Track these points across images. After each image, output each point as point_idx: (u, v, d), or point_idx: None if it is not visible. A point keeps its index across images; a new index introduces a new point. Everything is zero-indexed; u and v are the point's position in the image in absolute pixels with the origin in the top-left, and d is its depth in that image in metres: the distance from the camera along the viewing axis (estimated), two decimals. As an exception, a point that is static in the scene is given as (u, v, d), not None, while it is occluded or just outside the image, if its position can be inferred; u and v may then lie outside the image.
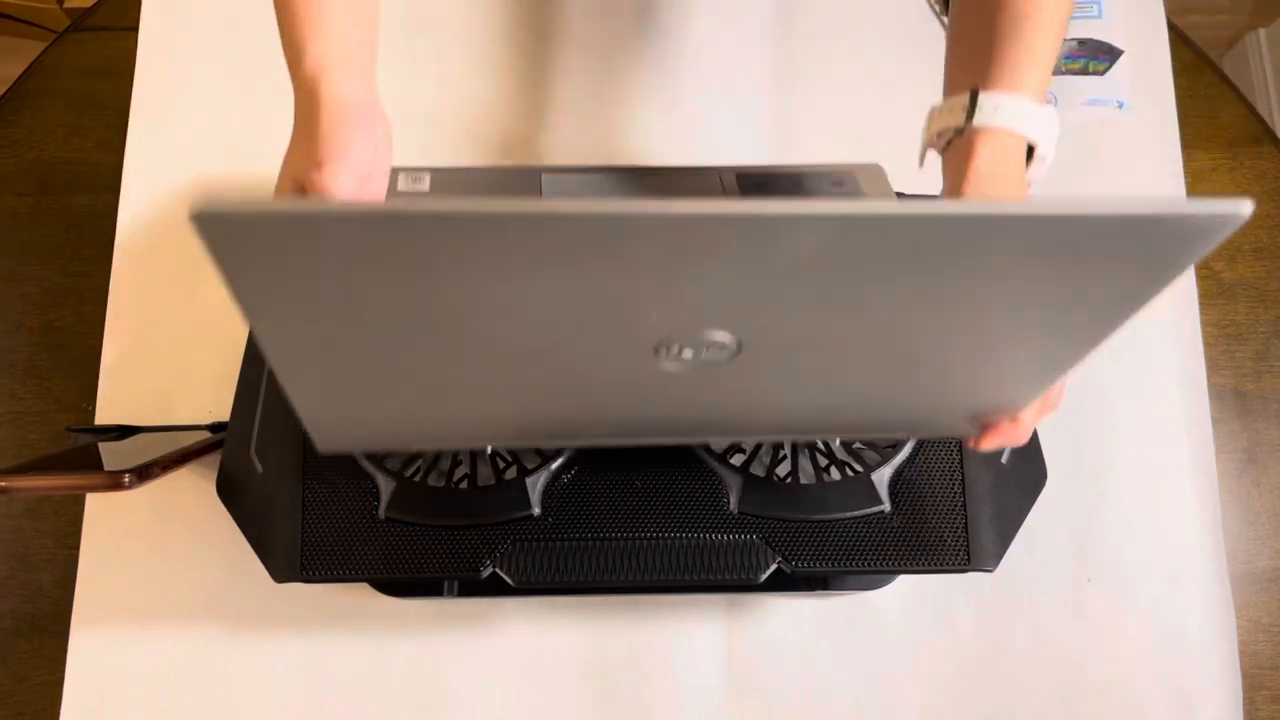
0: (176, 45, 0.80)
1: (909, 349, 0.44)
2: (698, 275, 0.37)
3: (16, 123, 0.79)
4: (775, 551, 0.58)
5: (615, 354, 0.42)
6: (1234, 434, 0.73)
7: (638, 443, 0.56)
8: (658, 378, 0.43)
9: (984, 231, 0.35)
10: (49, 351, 0.74)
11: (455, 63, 0.79)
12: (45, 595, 0.69)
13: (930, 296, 0.39)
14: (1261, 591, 0.70)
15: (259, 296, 0.36)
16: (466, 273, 0.35)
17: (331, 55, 0.48)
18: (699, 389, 0.45)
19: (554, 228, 0.33)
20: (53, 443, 0.71)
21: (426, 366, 0.42)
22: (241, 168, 0.76)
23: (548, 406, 0.48)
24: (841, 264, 0.37)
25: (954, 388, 0.48)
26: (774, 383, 0.46)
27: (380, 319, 0.38)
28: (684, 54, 0.79)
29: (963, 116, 0.49)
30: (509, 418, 0.49)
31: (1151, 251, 0.36)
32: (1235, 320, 0.75)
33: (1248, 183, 0.78)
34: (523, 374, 0.44)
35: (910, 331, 0.42)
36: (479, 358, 0.42)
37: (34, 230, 0.77)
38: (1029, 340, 0.43)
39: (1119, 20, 0.80)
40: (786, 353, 0.43)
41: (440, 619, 0.67)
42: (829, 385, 0.47)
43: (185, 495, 0.68)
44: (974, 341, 0.43)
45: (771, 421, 0.52)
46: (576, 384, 0.45)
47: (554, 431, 0.52)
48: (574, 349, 0.42)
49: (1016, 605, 0.67)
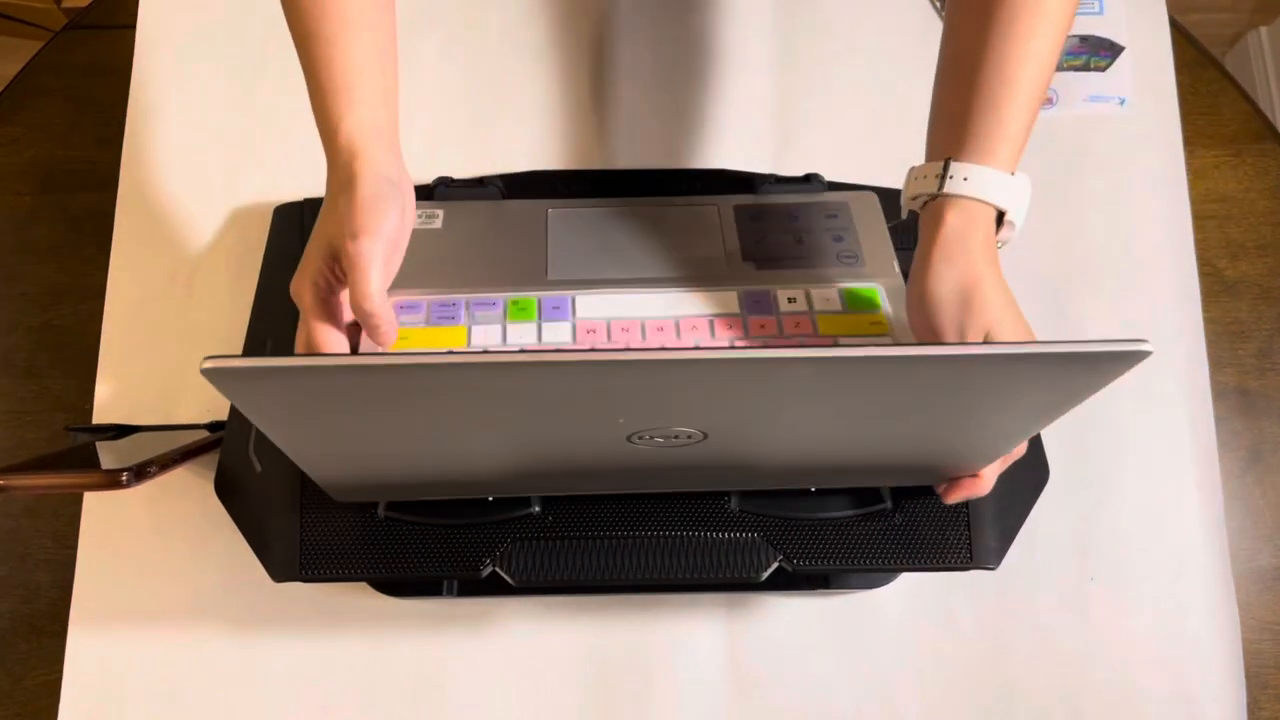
0: (174, 43, 0.79)
1: (866, 438, 0.50)
2: (664, 399, 0.43)
3: (15, 121, 0.79)
4: (777, 550, 0.58)
5: (590, 441, 0.48)
6: (1237, 432, 0.72)
7: (624, 491, 0.60)
8: (634, 453, 0.49)
9: (928, 367, 0.41)
10: (47, 350, 0.74)
11: (457, 66, 0.79)
12: (43, 595, 0.68)
13: (888, 405, 0.45)
14: (1265, 590, 0.69)
15: (264, 416, 0.43)
16: (444, 401, 0.42)
17: (365, 128, 0.52)
18: (674, 457, 0.50)
19: (524, 375, 0.39)
20: (51, 442, 0.71)
21: (420, 452, 0.50)
22: (238, 165, 0.76)
23: (536, 471, 0.54)
24: (799, 391, 0.43)
25: (913, 459, 0.54)
26: (744, 453, 0.52)
27: (372, 426, 0.45)
28: (684, 56, 0.79)
29: (935, 184, 0.53)
30: (503, 478, 0.54)
31: (1073, 375, 0.43)
32: (1238, 318, 0.75)
33: (1249, 179, 0.78)
34: (507, 454, 0.50)
35: (868, 427, 0.48)
36: (465, 447, 0.49)
37: (32, 229, 0.76)
38: (976, 429, 0.49)
39: (1121, 17, 0.80)
40: (752, 440, 0.49)
41: (440, 618, 0.67)
42: (795, 458, 0.53)
43: (184, 494, 0.68)
44: (927, 434, 0.49)
45: (744, 478, 0.57)
46: (561, 459, 0.52)
47: (546, 487, 0.58)
48: (552, 441, 0.48)
49: (1019, 604, 0.67)
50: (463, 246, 0.66)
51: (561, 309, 0.62)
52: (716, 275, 0.64)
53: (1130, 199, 0.76)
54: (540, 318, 0.61)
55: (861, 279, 0.64)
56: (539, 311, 0.61)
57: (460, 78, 0.79)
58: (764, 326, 0.61)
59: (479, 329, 0.61)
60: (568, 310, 0.62)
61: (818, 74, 0.79)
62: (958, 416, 0.47)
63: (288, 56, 0.80)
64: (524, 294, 0.62)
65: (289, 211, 0.70)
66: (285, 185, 0.74)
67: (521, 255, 0.65)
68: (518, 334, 0.60)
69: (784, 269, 0.64)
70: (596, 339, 0.60)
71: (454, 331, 0.61)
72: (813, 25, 0.80)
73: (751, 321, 0.61)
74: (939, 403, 0.45)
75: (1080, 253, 0.74)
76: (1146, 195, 0.76)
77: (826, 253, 0.65)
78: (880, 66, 0.79)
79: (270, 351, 0.64)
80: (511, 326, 0.61)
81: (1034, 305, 0.71)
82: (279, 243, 0.69)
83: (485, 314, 0.61)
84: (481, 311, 0.61)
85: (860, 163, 0.74)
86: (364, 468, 0.53)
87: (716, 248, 0.66)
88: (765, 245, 0.65)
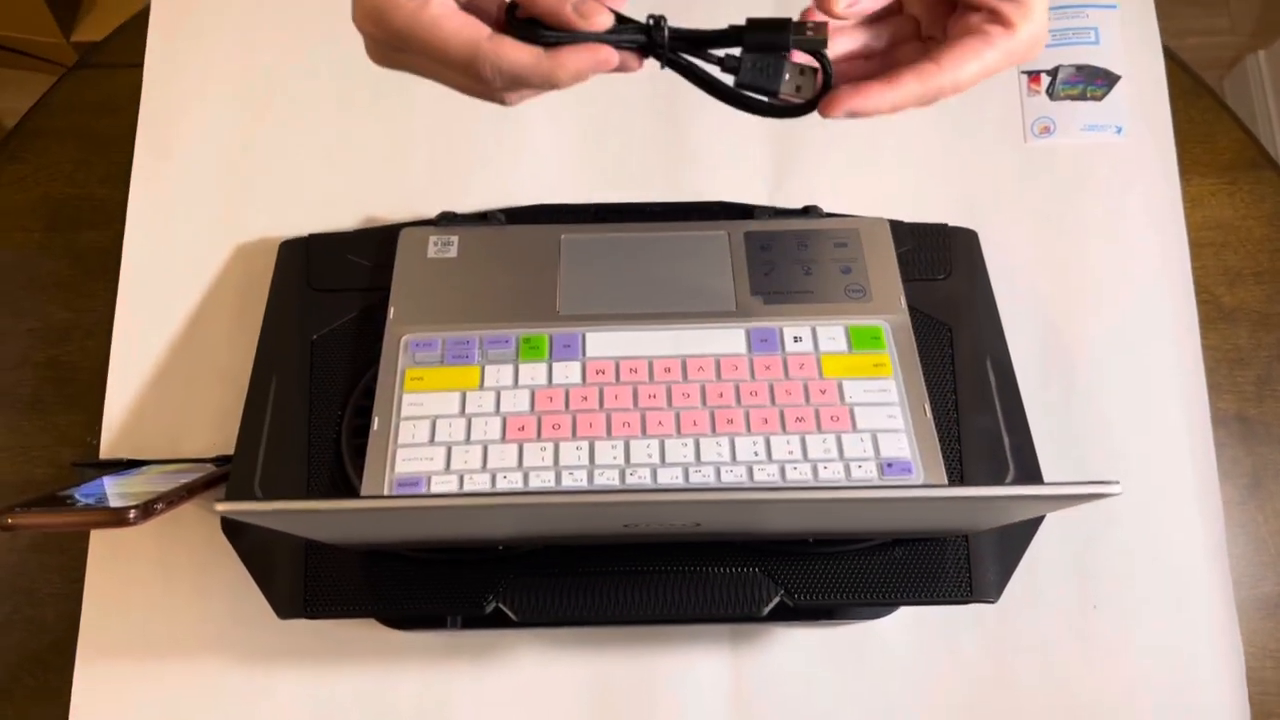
0: (182, 82, 0.80)
1: (857, 523, 0.54)
2: (657, 515, 0.47)
3: (24, 159, 0.80)
4: (778, 585, 0.58)
5: (588, 528, 0.54)
6: (1238, 459, 0.72)
7: None
8: (632, 533, 0.54)
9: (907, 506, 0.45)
10: (54, 385, 0.74)
11: (457, 101, 0.80)
12: (50, 630, 0.69)
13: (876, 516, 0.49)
14: (1268, 618, 0.69)
15: (279, 526, 0.48)
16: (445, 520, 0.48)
17: None
18: (671, 536, 0.56)
19: (517, 513, 0.46)
20: (57, 477, 0.71)
21: (427, 535, 0.56)
22: (244, 201, 0.77)
23: (538, 537, 0.59)
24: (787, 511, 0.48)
25: (905, 530, 0.59)
26: (740, 530, 0.56)
27: (380, 531, 0.52)
28: (681, 89, 0.80)
29: None
30: (503, 536, 0.59)
31: (1048, 506, 0.51)
32: (1237, 345, 0.75)
33: (1246, 206, 0.78)
34: (509, 533, 0.56)
35: (858, 519, 0.52)
36: (468, 534, 0.56)
37: (40, 265, 0.77)
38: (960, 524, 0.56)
39: (1116, 46, 0.80)
40: (747, 524, 0.54)
41: (446, 651, 0.67)
42: (792, 530, 0.57)
43: (190, 529, 0.68)
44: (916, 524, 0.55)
45: (740, 535, 0.60)
46: (561, 536, 0.58)
47: (545, 541, 0.61)
48: (552, 530, 0.55)
49: (1022, 633, 0.67)
50: (478, 276, 0.67)
51: (572, 347, 0.63)
52: (725, 310, 0.65)
53: (1128, 226, 0.76)
54: (551, 356, 0.63)
55: (868, 314, 0.65)
56: (550, 350, 0.63)
57: (461, 113, 0.80)
58: (769, 368, 0.62)
59: (491, 368, 0.63)
60: (578, 349, 0.63)
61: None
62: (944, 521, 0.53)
63: (293, 95, 0.82)
64: (535, 330, 0.64)
65: (294, 247, 0.71)
66: (290, 221, 0.75)
67: (534, 286, 0.67)
68: (529, 374, 0.62)
69: (791, 303, 0.65)
70: (605, 379, 0.62)
71: (468, 371, 0.62)
72: (811, 57, 0.81)
73: (757, 362, 0.62)
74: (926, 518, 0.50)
75: (1079, 279, 0.75)
76: (1144, 222, 0.76)
77: (834, 285, 0.66)
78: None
79: (276, 387, 0.65)
80: (523, 367, 0.62)
81: (1033, 331, 0.72)
82: (284, 278, 0.70)
83: (498, 353, 0.63)
84: (495, 350, 0.63)
85: (858, 195, 0.75)
86: (372, 542, 0.58)
87: (725, 280, 0.67)
88: (773, 277, 0.66)
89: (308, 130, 0.79)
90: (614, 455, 0.58)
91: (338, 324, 0.67)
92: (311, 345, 0.67)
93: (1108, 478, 0.70)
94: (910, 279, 0.68)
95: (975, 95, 0.78)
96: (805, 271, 0.67)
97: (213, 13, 0.82)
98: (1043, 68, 0.80)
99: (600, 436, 0.59)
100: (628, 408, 0.61)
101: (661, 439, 0.59)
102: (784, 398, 0.61)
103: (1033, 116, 0.79)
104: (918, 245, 0.70)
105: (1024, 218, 0.76)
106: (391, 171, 0.78)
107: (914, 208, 0.75)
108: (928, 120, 0.79)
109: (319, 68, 0.81)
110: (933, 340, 0.67)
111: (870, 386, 0.61)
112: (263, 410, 0.65)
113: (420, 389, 0.62)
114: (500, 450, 0.59)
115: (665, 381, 0.62)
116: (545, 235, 0.69)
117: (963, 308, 0.68)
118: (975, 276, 0.70)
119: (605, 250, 0.68)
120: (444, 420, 0.60)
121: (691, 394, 0.61)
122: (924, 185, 0.77)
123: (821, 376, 0.62)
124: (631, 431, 0.59)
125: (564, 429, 0.60)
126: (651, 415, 0.60)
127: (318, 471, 0.63)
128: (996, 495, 0.44)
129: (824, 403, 0.61)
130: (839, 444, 0.59)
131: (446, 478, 0.58)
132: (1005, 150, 0.79)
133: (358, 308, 0.68)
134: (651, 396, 0.61)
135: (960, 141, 0.79)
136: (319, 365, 0.66)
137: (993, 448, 0.63)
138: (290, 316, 0.68)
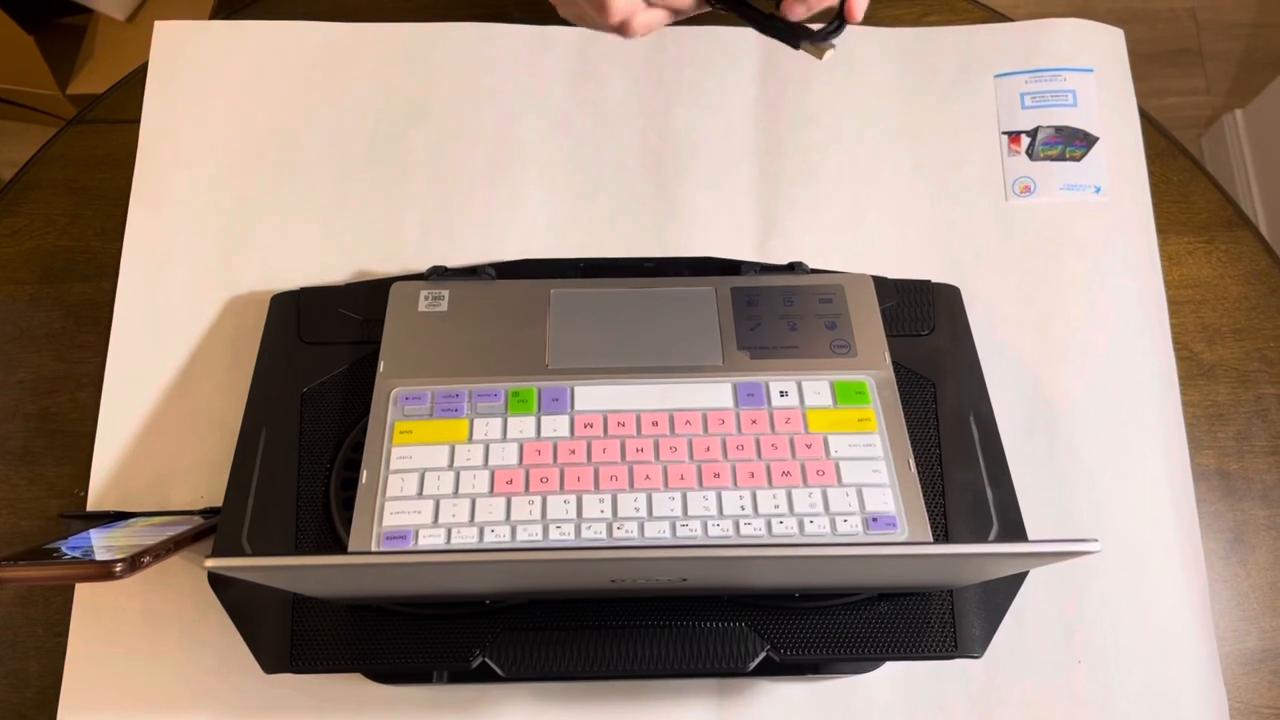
0: (177, 138, 0.82)
1: (843, 577, 0.54)
2: (642, 570, 0.48)
3: (19, 212, 0.81)
4: (764, 640, 0.58)
5: (575, 584, 0.54)
6: (1219, 514, 0.73)
7: None
8: (619, 588, 0.54)
9: (907, 559, 0.46)
10: (44, 437, 0.74)
11: (449, 160, 0.82)
12: (33, 684, 0.68)
13: (860, 571, 0.51)
14: (1252, 672, 0.70)
15: (267, 581, 0.49)
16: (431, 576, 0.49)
17: None
18: (657, 589, 0.55)
19: (501, 570, 0.47)
20: (45, 529, 0.71)
21: (413, 590, 0.56)
22: (236, 255, 0.78)
23: (524, 592, 0.59)
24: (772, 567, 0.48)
25: (889, 586, 0.59)
26: (725, 585, 0.57)
27: (366, 585, 0.53)
28: (669, 147, 0.81)
29: None
30: (490, 591, 0.59)
31: (1028, 563, 0.53)
32: (1216, 401, 0.76)
33: (1222, 265, 0.80)
34: (495, 588, 0.56)
35: (843, 575, 0.53)
36: (454, 589, 0.56)
37: (32, 318, 0.78)
38: (944, 580, 0.57)
39: (1094, 109, 0.83)
40: (732, 579, 0.54)
41: (432, 706, 0.66)
42: (777, 586, 0.57)
43: (176, 582, 0.68)
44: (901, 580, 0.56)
45: (727, 590, 0.60)
46: (547, 592, 0.58)
47: (532, 595, 0.61)
48: (538, 586, 0.55)
49: (1008, 688, 0.67)
50: (468, 330, 0.68)
51: (560, 401, 0.64)
52: (712, 365, 0.66)
53: (1107, 283, 0.77)
54: (539, 410, 0.63)
55: (853, 370, 0.66)
56: (538, 404, 0.63)
57: (453, 170, 0.81)
58: (755, 422, 0.63)
59: (480, 421, 0.63)
60: (566, 402, 0.64)
61: (800, 162, 0.81)
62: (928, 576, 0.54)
63: (287, 152, 0.83)
64: (524, 384, 0.64)
65: (285, 300, 0.72)
66: (282, 275, 0.76)
67: (523, 340, 0.67)
68: (517, 427, 0.62)
69: (777, 358, 0.66)
70: (593, 432, 0.62)
71: (457, 425, 0.63)
72: (795, 114, 0.83)
73: (744, 415, 0.63)
74: (910, 574, 0.51)
75: (1060, 335, 0.76)
76: (1123, 279, 0.78)
77: (820, 340, 0.67)
78: (862, 154, 0.82)
79: (265, 440, 0.66)
80: (512, 420, 0.63)
81: (1015, 386, 0.73)
82: (275, 331, 0.71)
83: (487, 405, 0.63)
84: (484, 403, 0.63)
85: (842, 252, 0.77)
86: (358, 597, 0.58)
87: (713, 334, 0.67)
88: (760, 332, 0.67)
89: (300, 186, 0.80)
90: (601, 509, 0.59)
91: (328, 377, 0.68)
92: (302, 398, 0.67)
93: (1091, 532, 0.71)
94: (894, 334, 0.69)
95: (957, 156, 0.81)
96: (791, 327, 0.68)
97: (209, 71, 0.84)
98: (1023, 129, 0.82)
99: (588, 490, 0.60)
100: (615, 461, 0.61)
101: (649, 493, 0.60)
102: (770, 452, 0.62)
103: (1013, 176, 0.81)
104: (902, 301, 0.71)
105: (1006, 274, 0.78)
106: (383, 227, 0.79)
107: (898, 264, 0.76)
108: (911, 179, 0.81)
109: (313, 126, 0.82)
110: (917, 395, 0.68)
111: (855, 441, 0.62)
112: (252, 462, 0.65)
113: (409, 442, 0.62)
114: (488, 503, 0.59)
115: (653, 435, 0.62)
116: (535, 290, 0.70)
117: (946, 363, 0.69)
118: (958, 332, 0.71)
119: (594, 305, 0.69)
120: (432, 473, 0.61)
121: (679, 448, 0.62)
122: (908, 243, 0.79)
123: (807, 431, 0.62)
124: (619, 485, 0.60)
125: (552, 482, 0.60)
126: (639, 469, 0.61)
127: (306, 524, 0.63)
128: (978, 553, 0.45)
129: (810, 457, 0.61)
130: (824, 498, 0.60)
131: (434, 531, 0.58)
132: (987, 209, 0.80)
133: (348, 361, 0.69)
134: (639, 450, 0.61)
135: (943, 200, 0.80)
136: (309, 418, 0.67)
137: (976, 502, 0.64)
138: (281, 369, 0.69)
